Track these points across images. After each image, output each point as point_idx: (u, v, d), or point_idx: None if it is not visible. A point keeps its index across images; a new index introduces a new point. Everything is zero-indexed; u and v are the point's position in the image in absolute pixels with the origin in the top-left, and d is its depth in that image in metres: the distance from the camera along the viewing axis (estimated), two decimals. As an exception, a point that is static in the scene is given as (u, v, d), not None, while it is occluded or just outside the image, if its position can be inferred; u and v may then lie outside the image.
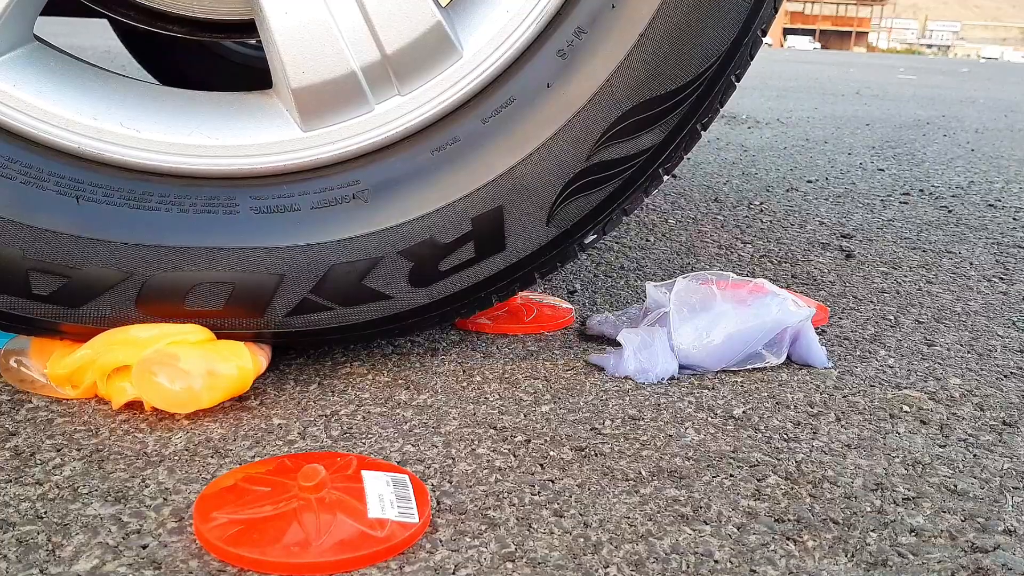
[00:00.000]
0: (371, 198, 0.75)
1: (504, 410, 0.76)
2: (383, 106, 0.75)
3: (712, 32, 0.75)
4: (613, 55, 0.75)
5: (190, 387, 0.69)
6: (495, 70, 0.76)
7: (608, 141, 0.76)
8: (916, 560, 0.57)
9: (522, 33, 0.75)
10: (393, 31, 0.73)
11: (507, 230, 0.77)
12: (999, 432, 0.76)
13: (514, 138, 0.76)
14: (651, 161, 0.79)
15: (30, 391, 0.74)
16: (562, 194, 0.77)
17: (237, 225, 0.74)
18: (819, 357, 0.87)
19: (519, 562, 0.55)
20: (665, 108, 0.77)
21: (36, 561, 0.53)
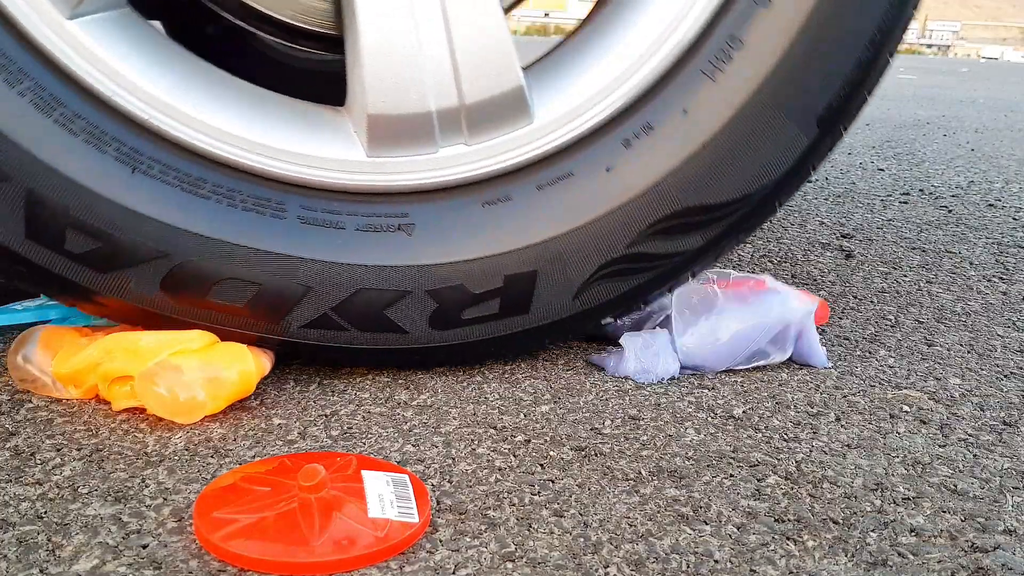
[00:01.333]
0: (415, 233, 0.76)
1: (504, 410, 0.76)
2: (447, 151, 0.76)
3: (771, 156, 0.78)
4: (674, 156, 0.77)
5: (193, 397, 0.68)
6: (560, 143, 0.78)
7: (651, 235, 0.78)
8: (916, 560, 0.57)
9: (593, 116, 0.77)
10: (476, 84, 0.75)
11: (535, 295, 0.79)
12: (999, 432, 0.76)
13: (563, 209, 0.78)
14: (685, 263, 0.81)
15: (31, 391, 0.74)
16: (596, 274, 0.79)
17: (280, 230, 0.74)
18: (819, 357, 0.87)
19: (519, 562, 0.55)
20: (711, 217, 0.79)
21: (36, 561, 0.53)
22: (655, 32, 0.77)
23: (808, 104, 0.77)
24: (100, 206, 0.71)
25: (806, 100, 0.77)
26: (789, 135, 0.78)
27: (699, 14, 0.76)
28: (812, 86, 0.77)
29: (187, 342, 0.71)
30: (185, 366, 0.69)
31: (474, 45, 0.74)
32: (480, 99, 0.75)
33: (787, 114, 0.77)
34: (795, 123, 0.78)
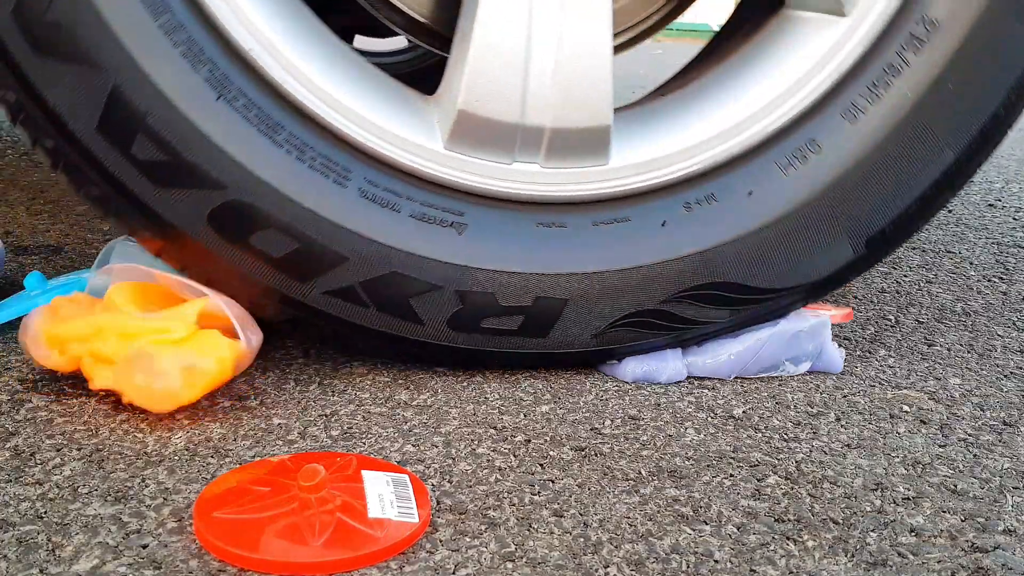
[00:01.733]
0: (465, 233, 0.76)
1: (504, 410, 0.76)
2: (520, 166, 0.77)
3: (816, 260, 0.82)
4: (729, 231, 0.79)
5: (168, 385, 0.68)
6: (627, 189, 0.79)
7: (685, 298, 0.79)
8: (916, 560, 0.57)
9: (666, 173, 0.79)
10: (569, 111, 0.76)
11: (558, 323, 0.79)
12: (999, 432, 0.76)
13: (610, 250, 0.79)
14: (705, 330, 0.82)
15: (51, 367, 0.73)
16: (622, 320, 0.80)
17: (338, 197, 0.74)
18: (836, 366, 0.86)
19: (519, 562, 0.55)
20: (746, 298, 0.81)
21: (36, 561, 0.53)
22: (741, 116, 0.79)
23: (863, 225, 0.81)
24: (176, 122, 0.70)
25: (862, 221, 0.81)
26: (838, 246, 0.81)
27: (786, 111, 0.79)
28: (870, 211, 0.81)
29: (168, 331, 0.71)
30: (162, 354, 0.69)
31: (577, 75, 0.75)
32: (568, 126, 0.76)
33: (842, 227, 0.81)
34: (847, 237, 0.81)
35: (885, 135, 0.79)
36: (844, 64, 0.78)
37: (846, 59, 0.78)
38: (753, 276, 0.80)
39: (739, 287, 0.80)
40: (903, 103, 0.79)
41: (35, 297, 0.85)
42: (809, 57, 0.78)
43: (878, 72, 0.78)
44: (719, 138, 0.79)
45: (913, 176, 0.80)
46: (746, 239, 0.79)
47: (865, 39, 0.78)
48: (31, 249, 1.14)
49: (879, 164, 0.79)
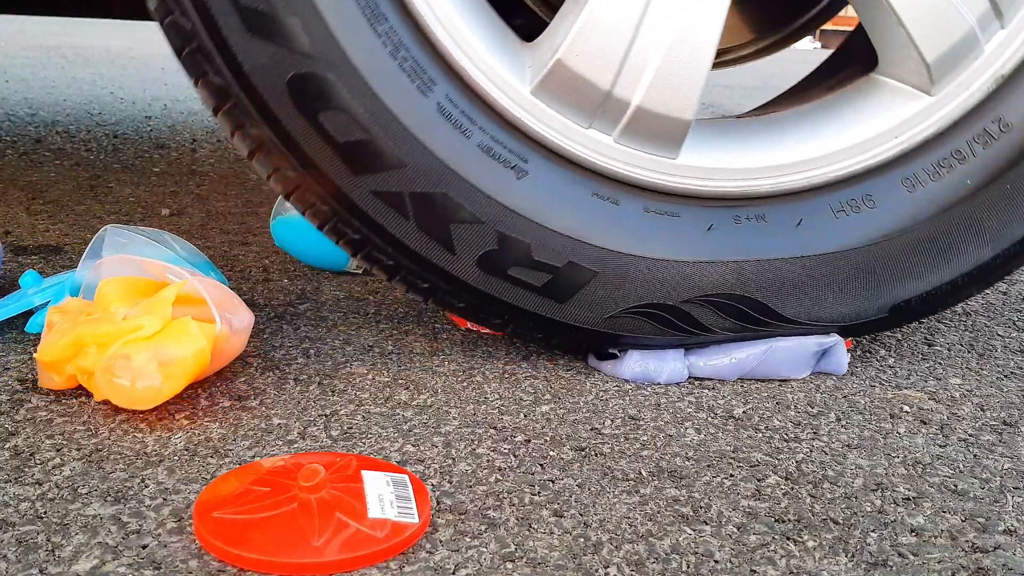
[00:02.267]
0: (523, 180, 0.76)
1: (504, 410, 0.76)
2: (594, 133, 0.77)
3: (844, 310, 0.83)
4: (769, 251, 0.81)
5: (148, 383, 0.68)
6: (683, 187, 0.80)
7: (707, 303, 0.81)
8: (916, 560, 0.57)
9: (721, 184, 0.80)
10: (658, 95, 0.76)
11: (580, 294, 0.79)
12: (999, 432, 0.76)
13: (653, 238, 0.79)
14: (713, 339, 0.83)
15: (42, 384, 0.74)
16: (638, 307, 0.80)
17: (415, 102, 0.73)
18: (841, 366, 0.86)
19: (519, 562, 0.55)
20: (766, 320, 0.83)
21: (36, 561, 0.53)
22: (805, 156, 0.81)
23: (893, 290, 0.83)
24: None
25: (893, 286, 0.83)
26: (865, 301, 0.83)
27: (850, 164, 0.81)
28: (903, 278, 0.83)
29: (139, 329, 0.70)
30: (137, 353, 0.68)
31: (678, 64, 0.75)
32: (653, 109, 0.76)
33: (874, 285, 0.83)
34: (875, 296, 0.83)
35: (936, 213, 0.82)
36: (916, 137, 0.81)
37: (920, 133, 0.81)
38: (779, 301, 0.81)
39: (762, 307, 0.81)
40: (961, 189, 0.82)
41: (31, 296, 0.85)
42: (886, 122, 0.81)
43: (946, 154, 0.82)
44: (779, 169, 0.81)
45: (951, 260, 0.83)
46: (783, 264, 0.81)
47: (942, 121, 0.81)
48: (31, 249, 1.14)
49: (923, 238, 0.82)
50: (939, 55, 0.79)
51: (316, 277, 1.09)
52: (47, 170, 1.63)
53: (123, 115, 2.36)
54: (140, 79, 3.25)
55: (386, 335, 0.91)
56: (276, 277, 1.08)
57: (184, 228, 1.28)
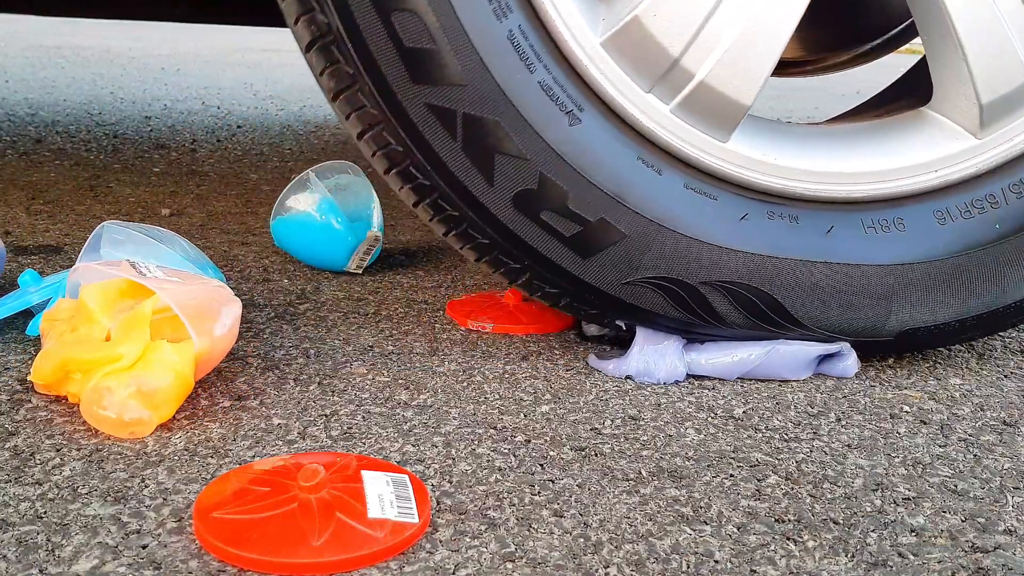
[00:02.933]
0: (575, 126, 0.77)
1: (504, 410, 0.76)
2: (652, 99, 0.78)
3: (856, 323, 0.84)
4: (796, 251, 0.82)
5: (135, 414, 0.67)
6: (725, 171, 0.80)
7: (724, 289, 0.81)
8: (916, 560, 0.57)
9: (762, 178, 0.81)
10: (723, 73, 0.76)
11: (604, 253, 0.79)
12: (999, 432, 0.76)
13: (687, 215, 0.80)
14: (718, 331, 0.85)
15: None
16: (660, 279, 0.81)
17: (487, 23, 0.73)
18: (848, 371, 0.86)
19: (519, 562, 0.55)
20: (776, 320, 0.84)
21: (36, 561, 0.53)
22: (841, 170, 0.82)
23: (906, 315, 0.84)
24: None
25: (907, 311, 0.84)
26: (875, 320, 0.84)
27: (885, 187, 0.82)
28: (916, 305, 0.84)
29: (120, 358, 0.69)
30: (119, 386, 0.67)
31: (748, 47, 0.76)
32: (716, 86, 0.77)
33: (890, 306, 0.84)
34: (888, 318, 0.84)
35: (961, 250, 0.83)
36: (955, 175, 0.83)
37: (959, 172, 0.83)
38: (793, 302, 0.82)
39: (777, 305, 0.82)
40: (988, 232, 0.83)
41: (31, 295, 0.85)
42: (928, 155, 0.83)
43: (980, 196, 0.83)
44: (819, 176, 0.81)
45: (965, 300, 0.85)
46: (806, 267, 0.81)
47: (983, 165, 0.83)
48: (31, 249, 1.14)
49: (943, 271, 0.83)
50: (993, 100, 0.80)
51: (316, 277, 1.09)
52: (47, 170, 1.63)
53: (123, 115, 2.36)
54: (140, 79, 3.25)
55: (386, 335, 0.91)
56: (276, 277, 1.08)
57: (184, 228, 1.28)
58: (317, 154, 1.94)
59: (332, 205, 1.06)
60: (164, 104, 2.61)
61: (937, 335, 0.86)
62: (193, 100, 2.74)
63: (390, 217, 1.42)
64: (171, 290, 0.72)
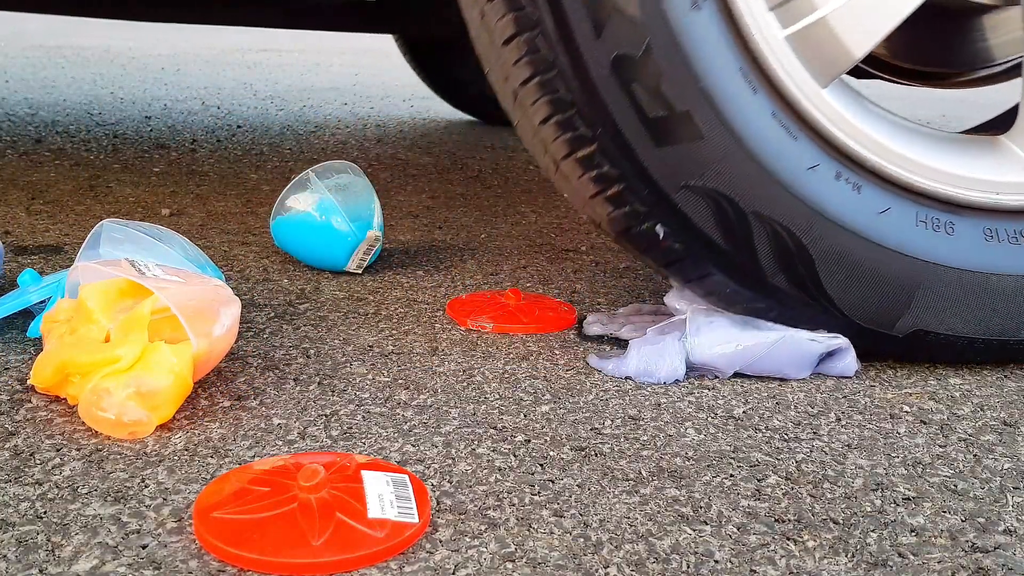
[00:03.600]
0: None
1: (504, 410, 0.76)
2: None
3: (877, 312, 0.85)
4: (851, 223, 0.82)
5: (134, 416, 0.67)
6: (813, 124, 0.81)
7: (769, 226, 0.81)
8: (916, 560, 0.57)
9: (845, 143, 0.82)
10: None
11: (677, 147, 0.78)
12: (999, 432, 0.76)
13: (773, 151, 0.80)
14: (734, 275, 0.84)
15: None
16: (715, 190, 0.80)
17: None
18: (849, 370, 0.86)
19: (519, 562, 0.55)
20: (799, 271, 0.84)
21: (36, 561, 0.53)
22: (912, 166, 0.83)
23: (928, 316, 0.85)
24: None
25: (931, 315, 0.85)
26: (901, 314, 0.85)
27: (946, 191, 0.84)
28: (942, 313, 0.85)
29: (117, 361, 0.69)
30: (117, 388, 0.67)
31: None
32: None
33: (917, 304, 0.84)
34: (913, 314, 0.85)
35: (999, 272, 0.85)
36: (1010, 200, 0.85)
37: (1014, 199, 0.85)
38: (828, 273, 0.82)
39: (811, 268, 0.82)
40: None
41: (30, 294, 0.85)
42: (993, 176, 0.85)
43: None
44: (890, 155, 0.82)
45: (985, 321, 0.86)
46: (849, 238, 0.81)
47: None
48: (31, 249, 1.14)
49: (977, 286, 0.85)
50: None
51: (316, 277, 1.09)
52: (47, 170, 1.63)
53: (123, 115, 2.36)
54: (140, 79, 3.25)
55: (386, 335, 0.91)
56: (276, 277, 1.08)
57: (184, 228, 1.28)
58: (317, 154, 1.94)
59: (332, 205, 1.06)
60: (164, 104, 2.61)
61: (945, 346, 0.86)
62: (193, 100, 2.74)
63: (390, 217, 1.42)
64: (170, 290, 0.72)
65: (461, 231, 1.35)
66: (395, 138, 2.21)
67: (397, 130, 2.33)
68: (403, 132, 2.30)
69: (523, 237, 1.33)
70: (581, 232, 1.37)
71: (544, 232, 1.37)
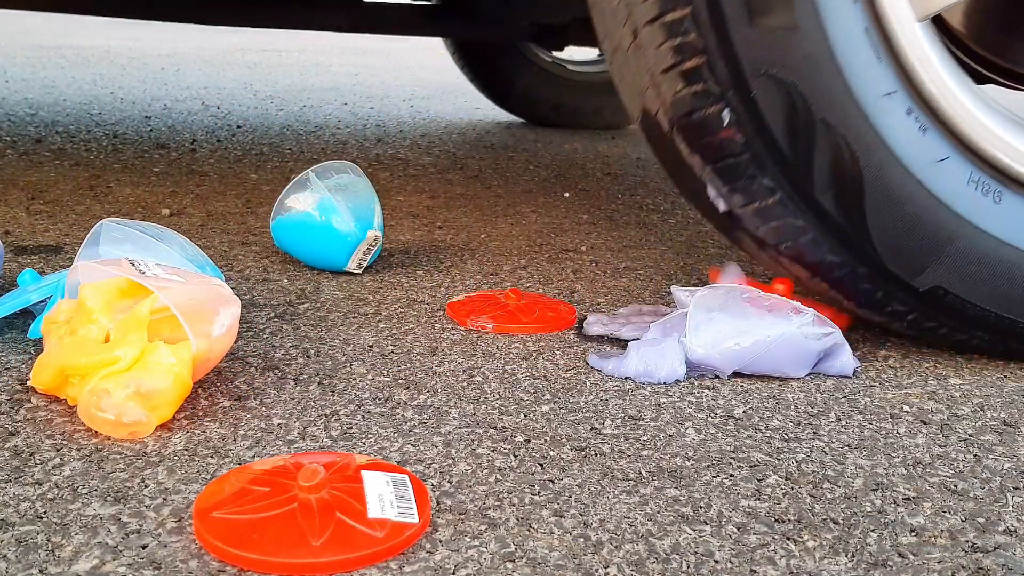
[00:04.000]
0: None
1: (504, 410, 0.75)
2: None
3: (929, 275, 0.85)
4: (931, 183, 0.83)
5: (134, 416, 0.67)
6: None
7: (826, 138, 0.81)
8: (916, 560, 0.57)
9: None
10: None
11: (773, 26, 0.79)
12: (999, 432, 0.76)
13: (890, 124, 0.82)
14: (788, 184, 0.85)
15: None
16: (798, 89, 0.80)
17: None
18: (847, 370, 0.86)
19: (519, 562, 0.55)
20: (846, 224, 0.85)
21: (36, 561, 0.53)
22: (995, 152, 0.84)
23: (939, 280, 0.85)
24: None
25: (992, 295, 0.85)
26: (922, 265, 0.85)
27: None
28: (994, 292, 0.85)
29: (116, 362, 0.69)
30: (116, 389, 0.67)
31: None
32: None
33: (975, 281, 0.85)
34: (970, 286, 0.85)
35: None
36: None
37: None
38: (875, 209, 0.82)
39: (858, 201, 0.81)
40: None
41: (30, 293, 0.85)
42: None
43: None
44: (959, 109, 0.82)
45: (1011, 295, 0.86)
46: (905, 175, 0.81)
47: None
48: (31, 249, 1.14)
49: (1007, 260, 0.85)
50: None
51: (316, 277, 1.09)
52: (47, 170, 1.63)
53: (123, 115, 2.36)
54: (140, 79, 3.25)
55: (386, 335, 0.91)
56: (276, 277, 1.08)
57: (184, 228, 1.28)
58: (317, 154, 1.94)
59: (332, 205, 1.06)
60: (164, 104, 2.61)
61: (958, 311, 0.85)
62: (193, 100, 2.74)
63: (390, 217, 1.42)
64: (170, 290, 0.72)
65: (461, 231, 1.35)
66: (395, 138, 2.21)
67: (397, 130, 2.33)
68: (403, 132, 2.30)
69: (523, 237, 1.33)
70: (581, 232, 1.37)
71: (544, 232, 1.36)
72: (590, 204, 1.58)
